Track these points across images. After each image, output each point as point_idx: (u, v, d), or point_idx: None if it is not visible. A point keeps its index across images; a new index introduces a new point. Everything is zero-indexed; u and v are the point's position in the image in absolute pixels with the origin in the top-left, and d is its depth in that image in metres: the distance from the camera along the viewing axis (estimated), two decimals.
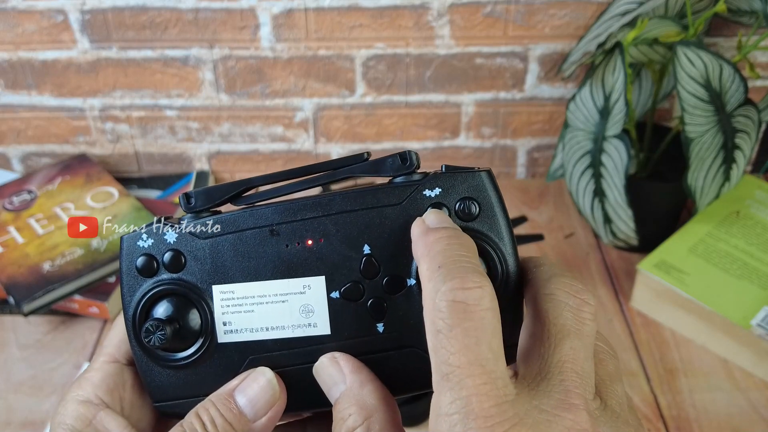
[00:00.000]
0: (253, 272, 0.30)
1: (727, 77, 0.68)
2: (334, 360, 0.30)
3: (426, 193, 0.30)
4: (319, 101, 0.90)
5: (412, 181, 0.30)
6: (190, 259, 0.31)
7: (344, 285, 0.30)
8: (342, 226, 0.30)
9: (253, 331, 0.31)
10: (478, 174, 0.30)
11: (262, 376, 0.31)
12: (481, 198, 0.30)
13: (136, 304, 0.31)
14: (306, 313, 0.30)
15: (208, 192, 0.31)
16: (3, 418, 0.65)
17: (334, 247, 0.30)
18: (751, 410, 0.64)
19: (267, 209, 0.30)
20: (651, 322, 0.73)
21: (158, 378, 0.32)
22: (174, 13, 0.83)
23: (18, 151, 0.94)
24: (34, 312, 0.71)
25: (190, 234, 0.31)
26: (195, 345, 0.31)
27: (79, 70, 0.87)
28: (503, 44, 0.85)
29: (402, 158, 0.30)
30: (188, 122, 0.92)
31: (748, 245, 0.75)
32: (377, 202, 0.30)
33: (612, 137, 0.72)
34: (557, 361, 0.26)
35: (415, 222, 0.29)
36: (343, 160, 0.31)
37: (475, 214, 0.30)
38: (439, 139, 0.93)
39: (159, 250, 0.31)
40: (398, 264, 0.30)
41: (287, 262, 0.30)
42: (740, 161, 0.71)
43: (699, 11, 0.76)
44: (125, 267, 0.31)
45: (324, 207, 0.30)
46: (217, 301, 0.31)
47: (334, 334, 0.30)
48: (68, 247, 0.75)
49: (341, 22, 0.84)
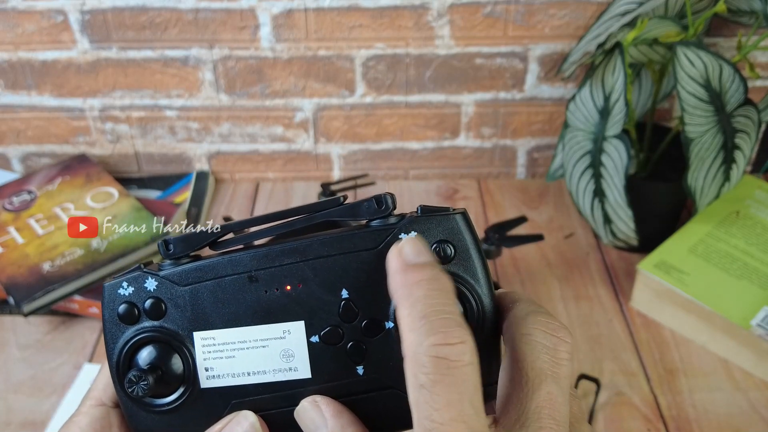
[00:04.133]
0: (233, 318, 0.31)
1: (727, 77, 0.68)
2: (315, 404, 0.31)
3: (402, 236, 0.30)
4: (319, 101, 0.90)
5: (388, 225, 0.31)
6: (170, 306, 0.31)
7: (323, 329, 0.31)
8: (319, 272, 0.31)
9: (235, 376, 0.31)
10: (453, 217, 0.30)
11: (245, 420, 0.31)
12: (456, 240, 0.30)
13: (119, 352, 0.32)
14: (286, 357, 0.31)
15: (187, 238, 0.31)
16: (3, 418, 0.65)
17: (313, 292, 0.31)
18: (751, 410, 0.64)
19: (245, 255, 0.31)
20: (651, 322, 0.73)
21: (144, 422, 0.32)
22: (174, 14, 0.83)
23: (18, 151, 0.94)
24: (34, 312, 0.71)
25: (170, 281, 0.31)
26: (178, 391, 0.32)
27: (79, 71, 0.87)
28: (503, 44, 0.86)
29: (378, 202, 0.31)
30: (188, 122, 0.92)
31: (748, 245, 0.75)
32: (354, 247, 0.30)
33: (612, 137, 0.72)
34: (535, 407, 0.27)
35: (391, 252, 0.29)
36: (320, 205, 0.31)
37: (451, 256, 0.30)
38: (439, 139, 0.93)
39: (140, 297, 0.31)
40: (376, 307, 0.30)
41: (266, 308, 0.31)
42: (740, 161, 0.71)
43: (699, 11, 0.76)
44: (107, 315, 0.32)
45: (301, 252, 0.31)
46: (198, 348, 0.31)
47: (315, 377, 0.31)
48: (68, 248, 0.75)
49: (341, 22, 0.84)
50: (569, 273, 0.80)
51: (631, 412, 0.64)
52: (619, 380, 0.67)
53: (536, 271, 0.80)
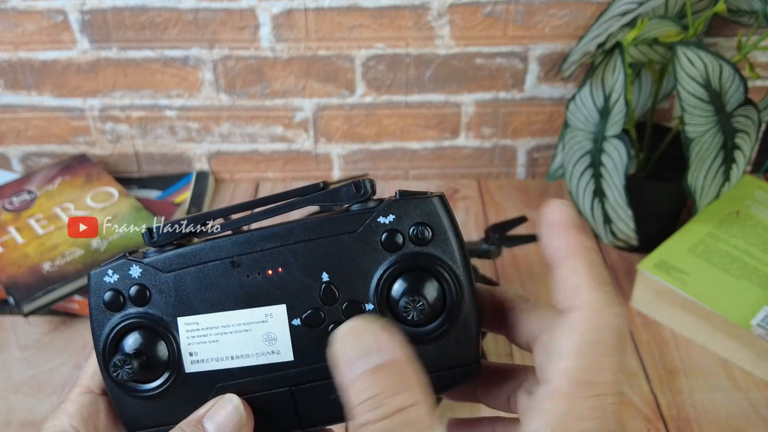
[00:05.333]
0: (216, 303, 0.31)
1: (727, 77, 0.68)
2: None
3: (380, 220, 0.31)
4: (319, 101, 0.90)
5: (367, 209, 0.31)
6: (155, 293, 0.32)
7: (305, 312, 0.31)
8: (300, 256, 0.31)
9: (219, 360, 0.32)
10: (430, 200, 0.31)
11: (229, 402, 0.32)
12: (434, 222, 0.31)
13: (105, 338, 0.32)
14: (269, 341, 0.31)
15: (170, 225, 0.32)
16: (3, 418, 0.65)
17: (294, 276, 0.31)
18: (751, 410, 0.64)
19: (227, 241, 0.31)
20: (651, 322, 0.73)
21: (131, 408, 0.33)
22: (174, 14, 0.83)
23: (18, 151, 0.94)
24: (34, 312, 0.71)
25: (154, 268, 0.32)
26: (163, 376, 0.32)
27: (78, 71, 0.87)
28: (503, 44, 0.86)
29: (357, 186, 0.31)
30: (188, 122, 0.92)
31: (748, 245, 0.75)
32: (333, 231, 0.31)
33: (612, 137, 0.72)
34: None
35: (332, 354, 0.28)
36: (301, 190, 0.32)
37: (429, 238, 0.31)
38: (439, 139, 0.93)
39: (124, 284, 0.32)
40: (356, 290, 0.31)
41: (249, 292, 0.31)
42: (740, 161, 0.71)
43: (699, 11, 0.76)
44: (93, 302, 0.33)
45: (282, 237, 0.31)
46: (182, 333, 0.32)
47: (297, 360, 0.32)
48: (68, 248, 0.75)
49: (341, 22, 0.84)
50: None
51: (630, 412, 0.64)
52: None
53: (536, 271, 0.80)
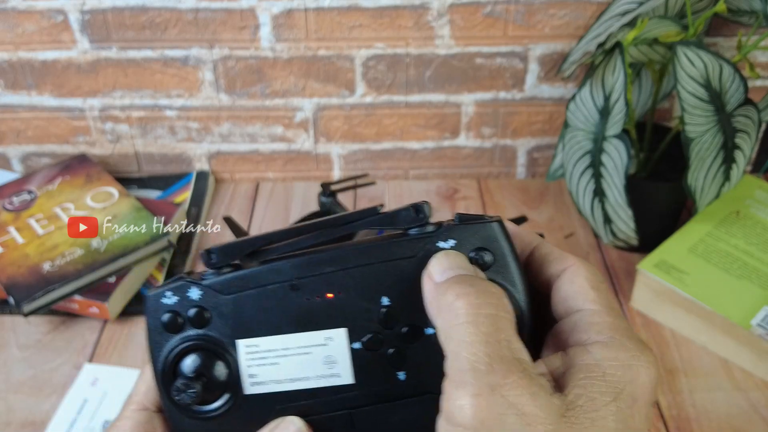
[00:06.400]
0: (276, 326, 0.31)
1: (727, 77, 0.68)
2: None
3: (440, 244, 0.31)
4: (319, 101, 0.90)
5: (426, 233, 0.31)
6: (214, 315, 0.32)
7: (365, 336, 0.31)
8: (360, 280, 0.31)
9: (279, 382, 0.32)
10: (491, 225, 0.31)
11: (292, 425, 0.31)
12: (494, 248, 0.31)
13: (164, 360, 0.32)
14: (329, 363, 0.31)
15: (228, 247, 0.32)
16: (3, 418, 0.64)
17: (354, 300, 0.31)
18: (751, 410, 0.64)
19: (286, 264, 0.31)
20: (651, 322, 0.73)
21: (189, 429, 0.33)
22: (174, 14, 0.83)
23: (18, 151, 0.94)
24: (34, 312, 0.71)
25: (213, 290, 0.32)
26: (223, 398, 0.32)
27: (78, 71, 0.87)
28: (503, 44, 0.86)
29: (416, 210, 0.31)
30: (188, 122, 0.92)
31: (748, 245, 0.75)
32: (392, 256, 0.31)
33: (612, 137, 0.72)
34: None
35: (424, 278, 0.29)
36: (357, 214, 0.32)
37: (490, 263, 0.31)
38: (439, 139, 0.93)
39: (183, 307, 0.32)
40: (416, 314, 0.31)
41: (308, 316, 0.31)
42: (740, 161, 0.71)
43: (699, 11, 0.76)
44: (151, 324, 0.32)
45: (342, 261, 0.31)
46: (242, 355, 0.32)
47: (358, 383, 0.32)
48: (68, 248, 0.75)
49: (341, 22, 0.84)
50: None
51: None
52: None
53: None
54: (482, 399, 0.25)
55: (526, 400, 0.25)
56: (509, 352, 0.26)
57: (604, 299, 0.29)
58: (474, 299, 0.27)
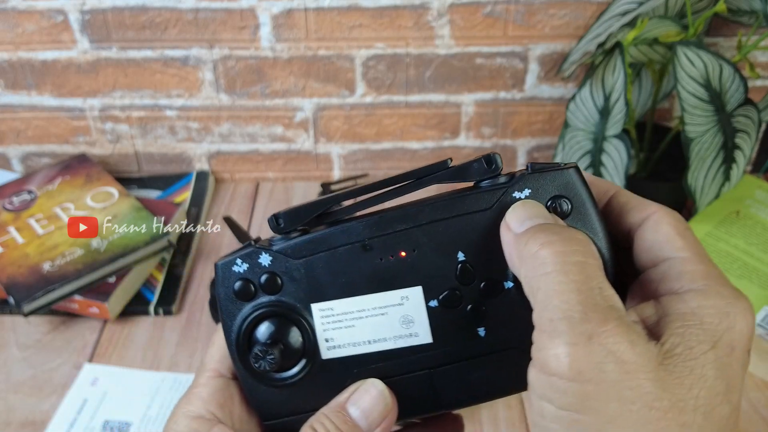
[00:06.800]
0: (349, 288, 0.31)
1: (727, 77, 0.68)
2: None
3: (515, 195, 0.30)
4: (319, 101, 0.90)
5: (500, 184, 0.30)
6: (286, 280, 0.31)
7: (442, 293, 0.30)
8: (434, 236, 0.30)
9: (356, 345, 0.31)
10: (567, 171, 0.29)
11: (374, 387, 0.31)
12: (572, 195, 0.29)
13: (238, 328, 0.31)
14: (406, 323, 0.31)
15: (296, 211, 0.31)
16: (3, 418, 0.65)
17: (428, 257, 0.30)
18: (751, 410, 0.64)
19: (357, 224, 0.31)
20: None
21: (266, 397, 0.32)
22: (174, 13, 0.83)
23: (18, 151, 0.94)
24: (34, 312, 0.71)
25: (284, 255, 0.31)
26: (300, 363, 0.32)
27: (78, 70, 0.87)
28: (503, 44, 0.86)
29: (487, 161, 0.30)
30: (188, 122, 0.92)
31: (748, 245, 0.75)
32: (467, 209, 0.30)
33: (612, 137, 0.72)
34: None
35: (502, 229, 0.28)
36: (427, 169, 0.31)
37: (568, 211, 0.29)
38: (439, 139, 0.93)
39: (255, 273, 0.31)
40: (493, 268, 0.30)
41: (382, 276, 0.31)
42: (740, 161, 0.71)
43: (699, 11, 0.76)
44: (223, 293, 0.32)
45: (414, 218, 0.30)
46: (317, 319, 0.31)
47: (437, 342, 0.31)
48: (68, 248, 0.75)
49: (341, 22, 0.84)
50: None
51: None
52: None
53: None
54: (579, 348, 0.24)
55: (624, 347, 0.24)
56: (602, 299, 0.25)
57: (693, 246, 0.28)
58: (560, 247, 0.26)
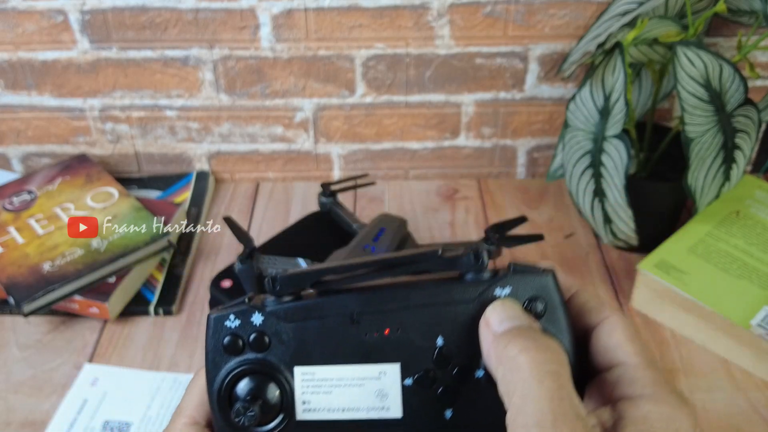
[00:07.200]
0: (332, 356, 0.33)
1: (727, 77, 0.68)
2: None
3: (497, 292, 0.32)
4: (319, 101, 0.90)
5: (484, 280, 0.32)
6: (274, 341, 0.33)
7: (417, 373, 0.32)
8: (418, 319, 0.32)
9: (331, 411, 0.33)
10: (545, 276, 0.32)
11: None
12: (547, 298, 0.32)
13: (221, 380, 0.33)
14: (381, 397, 0.33)
15: (293, 277, 0.33)
16: (3, 418, 0.65)
17: (410, 338, 0.32)
18: (751, 410, 0.64)
19: (348, 298, 0.33)
20: (651, 321, 0.74)
21: None
22: (174, 14, 0.83)
23: (18, 151, 0.94)
24: (35, 312, 0.71)
25: (275, 317, 0.33)
26: (275, 420, 0.33)
27: (79, 71, 0.87)
28: (503, 44, 0.86)
29: (475, 256, 0.32)
30: (188, 122, 0.92)
31: (748, 245, 0.75)
32: (451, 299, 0.32)
33: (612, 137, 0.72)
34: None
35: (481, 324, 0.31)
36: (420, 256, 0.33)
37: (542, 312, 0.32)
38: (439, 139, 0.93)
39: (245, 330, 0.33)
40: (468, 356, 0.32)
41: (365, 349, 0.33)
42: (740, 161, 0.71)
43: (699, 11, 0.76)
44: (212, 345, 0.33)
45: (402, 299, 0.32)
46: (298, 381, 0.33)
47: (405, 418, 0.33)
48: (68, 248, 0.75)
49: (341, 22, 0.84)
50: (569, 273, 0.80)
51: None
52: None
53: None
54: None
55: None
56: (571, 408, 0.27)
57: (643, 352, 0.31)
58: (536, 354, 0.28)
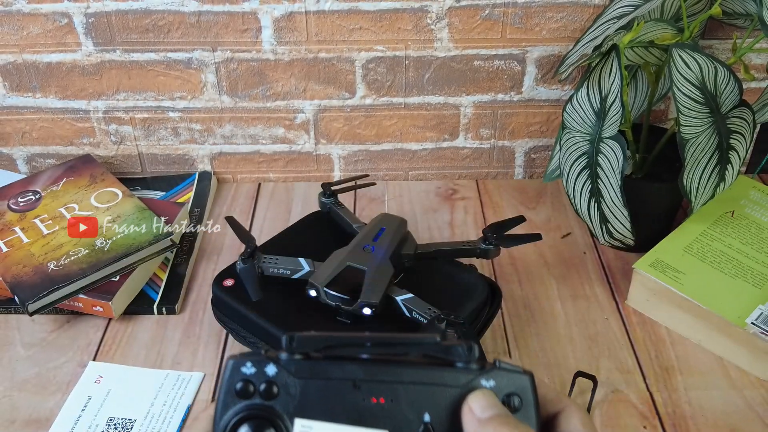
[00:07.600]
0: (331, 414, 0.36)
1: (722, 79, 0.69)
2: None
3: (483, 382, 0.36)
4: (320, 103, 0.91)
5: (474, 370, 0.36)
6: (282, 392, 0.36)
7: None
8: (411, 394, 0.36)
9: None
10: (525, 377, 0.36)
11: None
12: (524, 396, 0.36)
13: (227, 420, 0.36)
14: None
15: (309, 340, 0.36)
16: (8, 415, 0.65)
17: (401, 409, 0.36)
18: (747, 408, 0.65)
19: (354, 365, 0.36)
20: (647, 320, 0.74)
21: None
22: (177, 16, 0.84)
23: (23, 152, 0.95)
24: (39, 311, 0.72)
25: (287, 371, 0.36)
26: None
27: (83, 73, 0.88)
28: (501, 47, 0.86)
29: (469, 349, 0.36)
30: (191, 124, 0.93)
31: (743, 245, 0.76)
32: (441, 382, 0.36)
33: (608, 138, 0.73)
34: None
35: (464, 409, 0.34)
36: (420, 339, 0.37)
37: (518, 407, 0.36)
38: (438, 140, 0.94)
39: (258, 378, 0.36)
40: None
41: (361, 413, 0.36)
42: (735, 162, 0.72)
43: (694, 14, 0.77)
44: (226, 386, 0.36)
45: (400, 374, 0.36)
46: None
47: None
48: (73, 247, 0.76)
49: (341, 25, 0.85)
50: (566, 272, 0.81)
51: (627, 409, 0.65)
52: (615, 378, 0.68)
53: (534, 270, 0.81)
54: None
55: None
56: None
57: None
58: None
